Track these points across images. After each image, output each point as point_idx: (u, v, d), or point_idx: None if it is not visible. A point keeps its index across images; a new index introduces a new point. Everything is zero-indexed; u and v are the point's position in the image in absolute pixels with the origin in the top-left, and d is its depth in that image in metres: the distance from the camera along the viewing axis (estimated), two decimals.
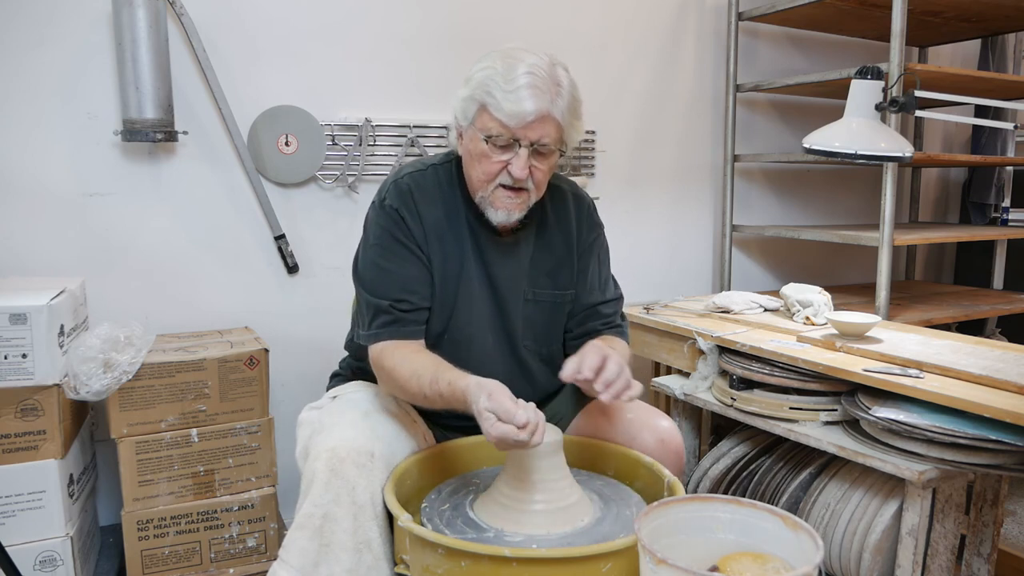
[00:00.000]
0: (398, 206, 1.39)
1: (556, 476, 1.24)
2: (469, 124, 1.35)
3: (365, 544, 1.23)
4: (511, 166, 1.32)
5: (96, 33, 2.00)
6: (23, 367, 1.66)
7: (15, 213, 1.98)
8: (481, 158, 1.33)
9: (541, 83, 1.28)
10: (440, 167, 1.46)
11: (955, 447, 1.46)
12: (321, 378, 1.69)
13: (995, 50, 3.17)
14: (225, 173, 2.19)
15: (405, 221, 1.38)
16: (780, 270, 3.14)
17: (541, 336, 1.51)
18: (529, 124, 1.28)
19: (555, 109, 1.30)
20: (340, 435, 1.28)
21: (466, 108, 1.35)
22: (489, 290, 1.44)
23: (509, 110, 1.27)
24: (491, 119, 1.30)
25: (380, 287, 1.38)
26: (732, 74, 2.76)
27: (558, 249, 1.50)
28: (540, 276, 1.49)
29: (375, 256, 1.39)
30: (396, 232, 1.38)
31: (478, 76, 1.33)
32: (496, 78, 1.29)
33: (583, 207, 1.55)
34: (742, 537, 1.07)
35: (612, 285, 1.58)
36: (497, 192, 1.35)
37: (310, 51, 2.24)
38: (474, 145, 1.34)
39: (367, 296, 1.39)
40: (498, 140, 1.30)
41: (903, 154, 1.67)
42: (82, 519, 1.86)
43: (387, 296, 1.37)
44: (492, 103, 1.29)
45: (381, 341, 1.37)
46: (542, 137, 1.30)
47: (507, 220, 1.38)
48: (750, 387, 1.84)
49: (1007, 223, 3.30)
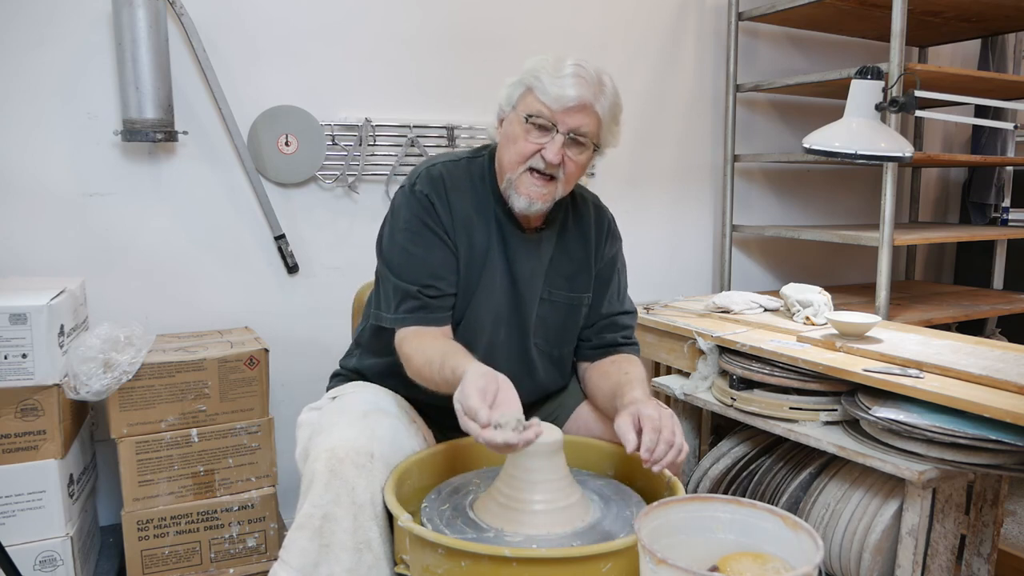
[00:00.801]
0: (429, 192, 1.40)
1: (556, 476, 1.24)
2: (512, 108, 1.38)
3: (365, 544, 1.23)
4: (545, 149, 1.34)
5: (96, 33, 2.00)
6: (23, 367, 1.66)
7: (15, 213, 1.98)
8: (517, 139, 1.36)
9: (587, 76, 1.34)
10: (473, 160, 1.49)
11: (955, 447, 1.46)
12: (321, 378, 1.69)
13: (995, 50, 3.17)
14: (225, 173, 2.19)
15: (435, 207, 1.40)
16: (780, 270, 3.14)
17: (553, 337, 1.53)
18: (570, 109, 1.32)
19: (597, 103, 1.34)
20: (340, 436, 1.28)
21: (511, 93, 1.39)
22: (509, 284, 1.46)
23: (554, 93, 1.31)
24: (535, 100, 1.34)
25: (408, 271, 1.39)
26: (732, 74, 2.76)
27: (577, 254, 1.53)
28: (558, 278, 1.51)
29: (404, 240, 1.40)
30: (426, 218, 1.40)
31: (528, 65, 1.37)
32: (546, 66, 1.34)
33: (604, 218, 1.58)
34: (742, 537, 1.07)
35: (629, 299, 1.62)
36: (524, 176, 1.37)
37: (310, 51, 2.24)
38: (512, 128, 1.38)
39: (395, 280, 1.40)
40: (537, 120, 1.34)
41: (903, 154, 1.67)
42: (82, 519, 1.86)
43: (415, 281, 1.38)
44: (538, 86, 1.33)
45: (408, 326, 1.38)
46: (581, 126, 1.34)
47: (528, 208, 1.39)
48: (750, 387, 1.84)
49: (1007, 223, 3.30)
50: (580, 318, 1.55)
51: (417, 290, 1.38)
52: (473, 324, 1.45)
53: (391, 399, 1.45)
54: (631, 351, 1.57)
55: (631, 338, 1.58)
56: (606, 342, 1.56)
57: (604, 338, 1.56)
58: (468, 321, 1.45)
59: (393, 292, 1.40)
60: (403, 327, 1.39)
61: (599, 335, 1.56)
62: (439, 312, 1.40)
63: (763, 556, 1.03)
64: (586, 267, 1.53)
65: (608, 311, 1.56)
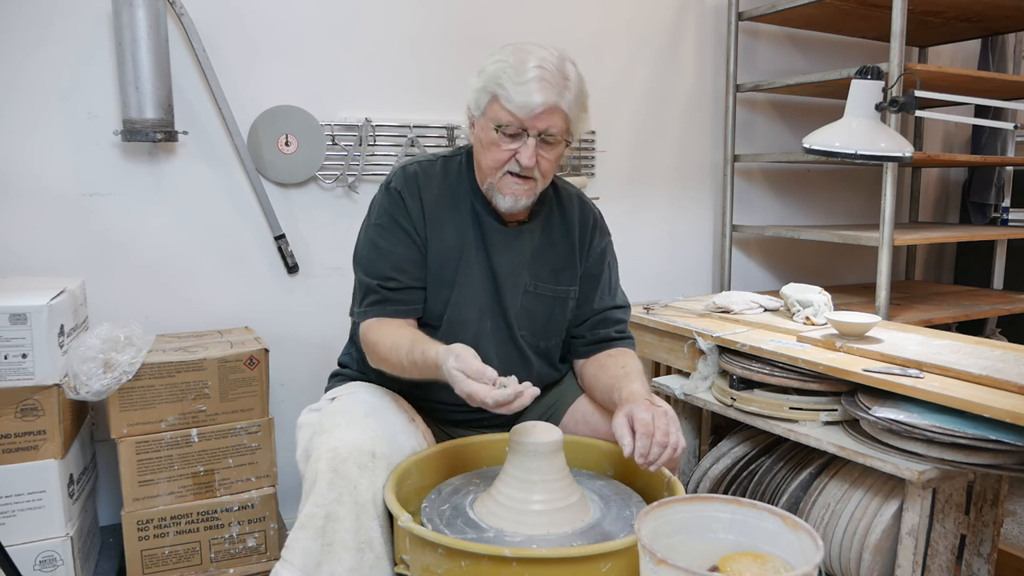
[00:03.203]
0: (401, 188, 1.46)
1: (556, 476, 1.24)
2: (481, 114, 1.41)
3: (367, 543, 1.23)
4: (519, 154, 1.37)
5: (96, 33, 2.00)
6: (23, 367, 1.66)
7: (15, 213, 1.98)
8: (491, 146, 1.39)
9: (550, 76, 1.33)
10: (450, 159, 1.53)
11: (955, 447, 1.47)
12: (321, 378, 1.70)
13: (995, 50, 3.17)
14: (225, 173, 2.19)
15: (405, 203, 1.45)
16: (780, 270, 3.14)
17: (539, 329, 1.54)
18: (537, 115, 1.34)
19: (563, 101, 1.35)
20: (342, 435, 1.28)
21: (478, 99, 1.40)
22: (489, 275, 1.49)
23: (519, 101, 1.33)
24: (501, 109, 1.35)
25: (373, 266, 1.45)
26: (732, 74, 2.76)
27: (561, 247, 1.54)
28: (542, 270, 1.52)
29: (373, 235, 1.46)
30: (395, 213, 1.45)
31: (490, 69, 1.38)
32: (508, 71, 1.34)
33: (590, 213, 1.60)
34: (742, 537, 1.07)
35: (621, 292, 1.63)
36: (505, 179, 1.41)
37: (310, 51, 2.24)
38: (485, 134, 1.40)
39: (360, 275, 1.47)
40: (507, 129, 1.36)
41: (903, 154, 1.67)
42: (82, 519, 1.86)
43: (377, 275, 1.44)
44: (503, 94, 1.34)
45: (369, 319, 1.44)
46: (549, 127, 1.36)
47: (514, 206, 1.43)
48: (750, 387, 1.84)
49: (1007, 223, 3.30)
50: (567, 312, 1.55)
51: (377, 284, 1.43)
52: (457, 317, 1.47)
53: (389, 399, 1.46)
54: (626, 344, 1.58)
55: (625, 332, 1.59)
56: (600, 337, 1.56)
57: (598, 334, 1.56)
58: (451, 314, 1.47)
59: (359, 287, 1.48)
60: (365, 319, 1.44)
61: (592, 331, 1.57)
62: (399, 304, 1.44)
63: (763, 556, 1.03)
64: (571, 261, 1.55)
65: (600, 306, 1.57)
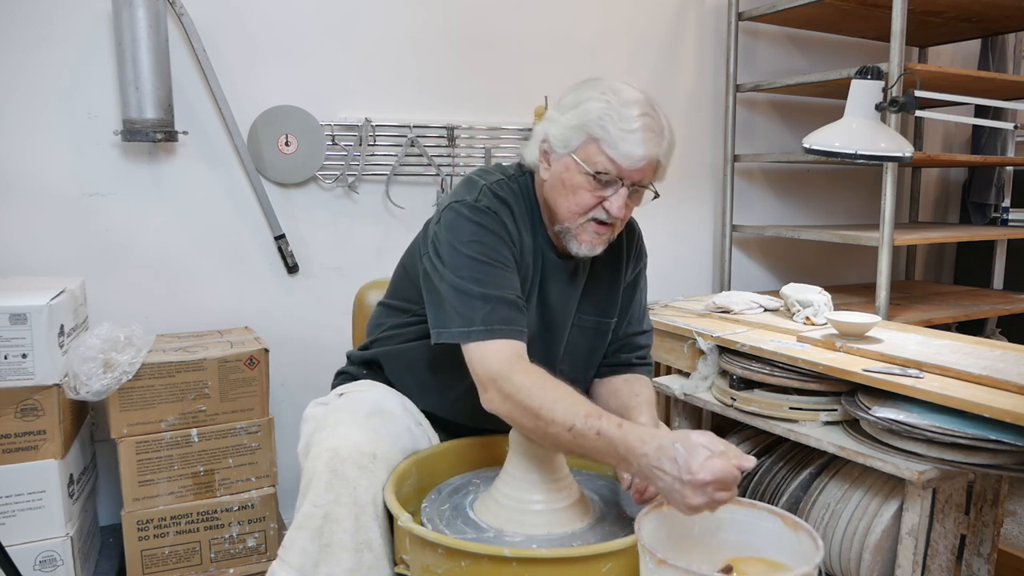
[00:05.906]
0: (496, 208, 1.32)
1: (556, 476, 1.24)
2: (567, 152, 1.30)
3: (366, 544, 1.23)
4: (609, 202, 1.29)
5: (96, 33, 2.00)
6: (23, 367, 1.67)
7: (15, 213, 1.98)
8: (577, 190, 1.30)
9: (654, 126, 1.27)
10: (516, 179, 1.41)
11: (955, 447, 1.46)
12: (321, 378, 1.69)
13: (995, 50, 3.17)
14: (225, 173, 2.19)
15: (506, 226, 1.32)
16: (780, 270, 3.14)
17: (580, 363, 1.49)
18: (639, 167, 1.27)
19: (661, 152, 1.29)
20: (343, 435, 1.28)
21: (568, 136, 1.29)
22: (540, 310, 1.41)
23: (624, 150, 1.25)
24: (600, 154, 1.27)
25: (487, 276, 1.27)
26: (732, 74, 2.76)
27: (607, 278, 1.49)
28: (588, 303, 1.47)
29: (477, 252, 1.28)
30: (499, 231, 1.31)
31: (592, 107, 1.27)
32: (612, 114, 1.26)
33: (634, 237, 1.54)
34: (742, 537, 1.07)
35: (648, 317, 1.58)
36: (588, 226, 1.32)
37: (310, 51, 2.24)
38: (569, 175, 1.30)
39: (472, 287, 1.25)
40: (603, 177, 1.28)
41: (903, 154, 1.67)
42: (82, 519, 1.86)
43: (498, 286, 1.27)
44: (606, 139, 1.26)
45: (495, 339, 1.22)
46: (644, 179, 1.30)
47: (590, 254, 1.35)
48: (750, 387, 1.84)
49: (1007, 223, 3.30)
50: (606, 342, 1.51)
51: (501, 295, 1.25)
52: None
53: (397, 400, 1.43)
54: (643, 371, 1.53)
55: (646, 358, 1.55)
56: (620, 361, 1.53)
57: (619, 358, 1.53)
58: None
59: (483, 301, 1.24)
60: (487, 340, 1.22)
61: (614, 354, 1.53)
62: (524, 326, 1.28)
63: (776, 564, 1.02)
64: (615, 289, 1.49)
65: (627, 331, 1.53)
